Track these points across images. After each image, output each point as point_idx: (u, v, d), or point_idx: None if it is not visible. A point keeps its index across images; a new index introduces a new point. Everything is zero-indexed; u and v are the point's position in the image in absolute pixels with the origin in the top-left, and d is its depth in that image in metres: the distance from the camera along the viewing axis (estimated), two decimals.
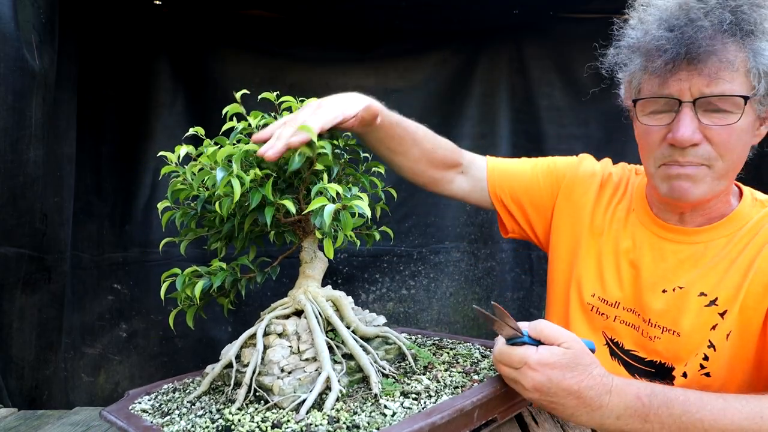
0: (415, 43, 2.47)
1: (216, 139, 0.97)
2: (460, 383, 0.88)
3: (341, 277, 2.47)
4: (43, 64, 1.62)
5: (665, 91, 0.96)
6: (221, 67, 2.37)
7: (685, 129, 0.93)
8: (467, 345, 1.12)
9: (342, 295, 1.02)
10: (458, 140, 1.30)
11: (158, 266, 2.29)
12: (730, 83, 0.91)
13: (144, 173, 2.31)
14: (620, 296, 1.15)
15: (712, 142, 0.95)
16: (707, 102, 0.93)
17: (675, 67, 0.93)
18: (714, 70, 0.90)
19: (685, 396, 0.78)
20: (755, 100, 0.94)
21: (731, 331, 1.00)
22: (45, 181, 1.69)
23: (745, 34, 0.91)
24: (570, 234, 1.26)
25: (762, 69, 0.92)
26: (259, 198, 0.88)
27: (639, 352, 1.12)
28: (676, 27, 0.92)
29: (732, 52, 0.91)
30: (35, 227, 1.66)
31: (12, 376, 1.62)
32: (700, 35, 0.89)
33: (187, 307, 1.03)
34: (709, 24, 0.90)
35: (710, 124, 0.94)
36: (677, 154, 0.97)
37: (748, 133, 0.98)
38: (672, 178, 1.00)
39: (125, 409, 0.91)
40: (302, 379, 0.86)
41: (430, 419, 0.73)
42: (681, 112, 0.94)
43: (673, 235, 1.11)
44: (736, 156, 0.98)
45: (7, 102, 1.47)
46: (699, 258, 1.07)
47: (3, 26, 1.44)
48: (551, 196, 1.30)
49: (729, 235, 1.06)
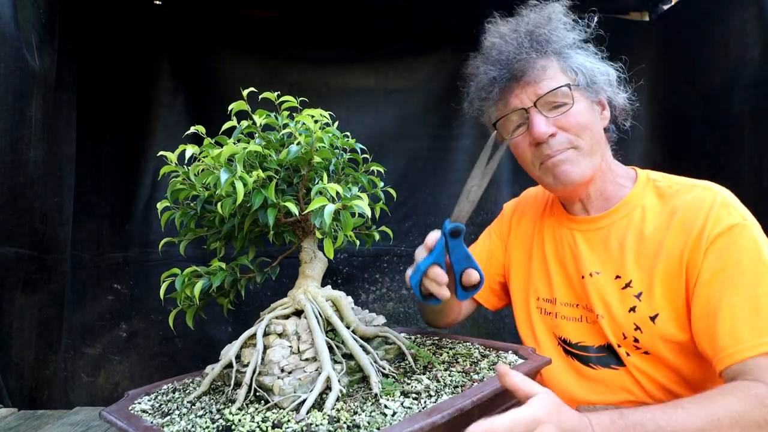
0: (415, 43, 2.47)
1: (217, 138, 0.97)
2: (459, 383, 0.88)
3: (341, 277, 2.47)
4: (43, 64, 1.62)
5: (510, 106, 1.16)
6: (221, 67, 2.37)
7: (539, 125, 1.11)
8: (467, 344, 1.13)
9: (342, 295, 1.02)
10: (458, 140, 1.31)
11: (158, 266, 2.28)
12: (553, 81, 1.12)
13: (144, 173, 2.31)
14: (557, 293, 1.26)
15: (565, 128, 1.12)
16: (546, 102, 1.12)
17: (508, 87, 1.15)
18: (537, 77, 1.12)
19: (651, 414, 0.84)
20: (581, 88, 1.14)
21: (659, 314, 1.07)
22: (45, 181, 1.69)
23: (544, 46, 1.14)
24: (520, 255, 1.39)
25: (573, 66, 1.14)
26: (261, 199, 0.88)
27: (585, 341, 1.20)
28: (495, 60, 1.16)
29: (541, 61, 1.13)
30: (35, 227, 1.66)
31: (12, 376, 1.62)
32: (513, 58, 1.13)
33: (186, 307, 1.02)
34: (513, 48, 1.14)
35: (556, 116, 1.12)
36: (545, 148, 1.13)
37: (591, 114, 1.15)
38: (552, 168, 1.14)
39: (125, 410, 0.91)
40: (302, 379, 0.86)
41: (431, 419, 0.73)
42: (531, 116, 1.13)
43: (581, 224, 1.24)
44: (591, 133, 1.14)
45: (7, 102, 1.47)
46: (605, 242, 1.18)
47: (3, 26, 1.45)
48: (502, 245, 1.46)
49: (627, 216, 1.17)
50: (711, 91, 2.13)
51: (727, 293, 0.97)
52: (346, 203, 0.85)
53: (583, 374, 1.20)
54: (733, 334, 0.95)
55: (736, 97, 1.98)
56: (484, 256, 1.44)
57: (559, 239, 1.28)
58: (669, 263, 1.06)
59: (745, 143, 1.94)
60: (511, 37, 1.15)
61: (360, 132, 1.11)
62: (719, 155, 2.09)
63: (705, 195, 1.07)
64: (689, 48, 2.24)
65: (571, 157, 1.13)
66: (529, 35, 1.14)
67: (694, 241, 1.03)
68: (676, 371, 1.10)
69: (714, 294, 0.99)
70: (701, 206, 1.05)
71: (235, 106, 1.01)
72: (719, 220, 1.02)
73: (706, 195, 1.07)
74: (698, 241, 1.03)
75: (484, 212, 2.49)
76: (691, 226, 1.05)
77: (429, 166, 2.50)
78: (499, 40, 1.17)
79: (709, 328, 0.99)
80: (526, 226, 1.40)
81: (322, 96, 2.42)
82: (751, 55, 1.92)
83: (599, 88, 1.16)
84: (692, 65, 2.23)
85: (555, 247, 1.29)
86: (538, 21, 1.16)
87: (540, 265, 1.31)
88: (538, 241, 1.34)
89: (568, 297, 1.24)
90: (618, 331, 1.12)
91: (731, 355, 0.94)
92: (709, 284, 1.00)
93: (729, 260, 0.99)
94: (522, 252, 1.38)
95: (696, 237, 1.03)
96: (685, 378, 1.10)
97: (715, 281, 1.00)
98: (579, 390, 1.19)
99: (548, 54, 1.14)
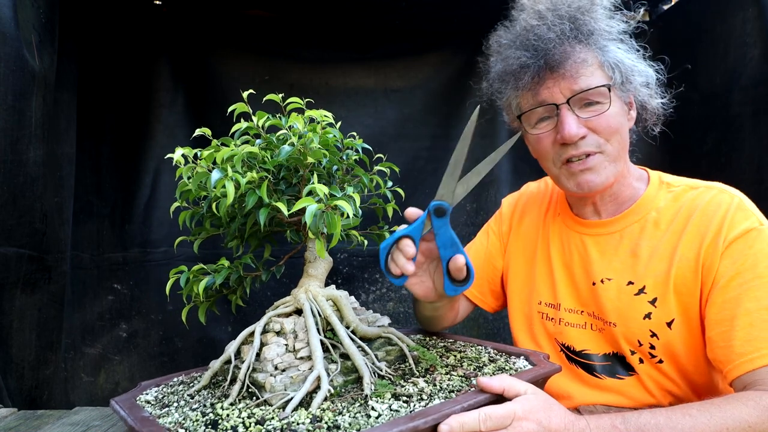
0: (415, 43, 2.47)
1: (222, 139, 0.98)
2: (456, 387, 0.86)
3: (341, 277, 2.47)
4: (43, 64, 1.62)
5: (539, 98, 1.07)
6: (221, 67, 2.37)
7: (569, 126, 1.03)
8: (478, 348, 1.09)
9: (344, 295, 1.01)
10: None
11: (158, 266, 2.28)
12: (591, 77, 1.03)
13: (144, 173, 2.31)
14: (561, 298, 1.20)
15: (596, 131, 1.05)
16: (579, 99, 1.04)
17: (541, 78, 1.05)
18: (574, 70, 1.02)
19: (655, 420, 0.81)
20: (617, 87, 1.06)
21: (674, 320, 1.04)
22: (45, 181, 1.69)
23: (587, 36, 1.04)
24: (521, 257, 1.33)
25: (612, 62, 1.05)
26: (255, 199, 0.88)
27: (590, 350, 1.16)
28: (530, 45, 1.04)
29: (583, 53, 1.03)
30: (35, 227, 1.66)
31: (12, 376, 1.62)
32: (551, 46, 1.02)
33: (199, 303, 1.04)
34: (555, 35, 1.02)
35: (589, 117, 1.05)
36: (571, 149, 1.06)
37: (622, 116, 1.08)
38: (576, 175, 1.08)
39: (132, 399, 0.94)
40: (294, 378, 0.86)
41: (413, 423, 0.71)
42: (561, 114, 1.05)
43: (591, 229, 1.18)
44: (620, 137, 1.08)
45: (7, 102, 1.47)
46: (617, 246, 1.13)
47: (3, 26, 1.45)
48: (501, 245, 1.40)
49: (641, 220, 1.12)
50: (711, 90, 2.13)
51: (744, 299, 0.94)
52: (330, 203, 0.85)
53: (586, 382, 1.16)
54: (750, 341, 0.92)
55: (736, 97, 1.98)
56: (482, 255, 1.39)
57: (566, 243, 1.22)
58: (684, 267, 1.03)
59: (745, 143, 1.94)
60: (553, 22, 1.03)
61: (360, 132, 1.11)
62: (719, 155, 2.09)
63: (721, 198, 1.04)
64: (689, 48, 2.23)
65: (597, 163, 1.06)
66: (573, 21, 1.03)
67: (710, 244, 1.00)
68: (690, 381, 1.07)
69: (730, 300, 0.96)
70: (717, 209, 1.03)
71: (235, 107, 1.01)
72: (736, 224, 1.00)
73: (722, 198, 1.04)
74: (715, 244, 1.00)
75: (483, 212, 2.50)
76: (707, 229, 1.02)
77: (429, 166, 2.50)
78: (538, 23, 1.04)
79: (724, 334, 0.96)
80: (528, 226, 1.34)
81: (322, 96, 2.42)
82: (751, 55, 1.92)
83: (633, 88, 1.09)
84: (692, 65, 2.23)
85: (562, 251, 1.23)
86: (581, 5, 1.05)
87: (544, 269, 1.26)
88: (543, 244, 1.28)
89: (574, 303, 1.19)
90: (633, 339, 1.08)
91: (748, 362, 0.91)
92: (725, 289, 0.97)
93: (745, 265, 0.96)
94: (524, 254, 1.32)
95: (712, 240, 1.00)
96: (696, 388, 1.07)
97: (731, 286, 0.97)
98: (583, 398, 1.16)
99: (590, 45, 1.04)
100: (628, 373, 1.11)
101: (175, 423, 0.81)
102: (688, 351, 1.04)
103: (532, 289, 1.28)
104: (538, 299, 1.26)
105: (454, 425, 0.72)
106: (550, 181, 1.37)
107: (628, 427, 0.79)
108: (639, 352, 1.08)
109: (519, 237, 1.35)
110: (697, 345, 1.03)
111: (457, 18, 2.30)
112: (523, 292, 1.31)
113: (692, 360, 1.05)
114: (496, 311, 1.44)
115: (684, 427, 0.79)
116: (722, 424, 0.80)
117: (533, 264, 1.29)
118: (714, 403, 0.84)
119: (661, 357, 1.06)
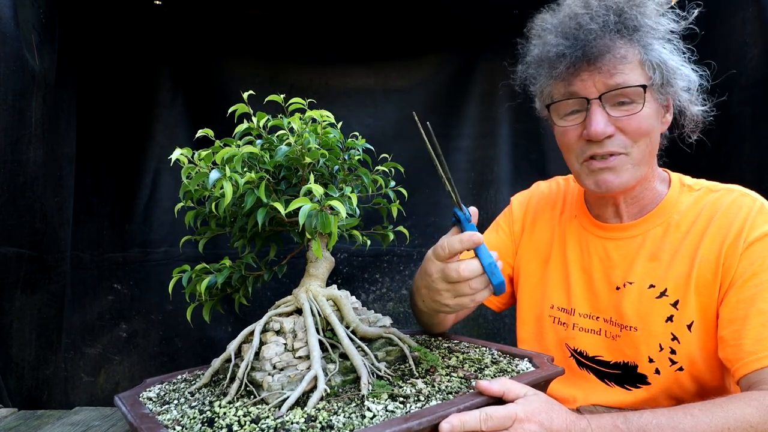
0: (415, 43, 2.47)
1: (224, 140, 0.98)
2: (455, 389, 0.86)
3: (341, 277, 2.47)
4: (43, 64, 1.62)
5: (571, 89, 1.03)
6: (221, 67, 2.37)
7: (597, 123, 1.00)
8: (482, 350, 1.09)
9: (344, 294, 1.01)
10: (458, 140, 1.31)
11: (158, 266, 2.28)
12: (628, 75, 1.00)
13: (144, 173, 2.31)
14: (576, 303, 1.18)
15: (625, 131, 1.02)
16: (612, 96, 1.01)
17: (577, 69, 1.01)
18: (611, 66, 0.98)
19: (657, 419, 0.80)
20: (654, 89, 1.02)
21: (693, 321, 1.03)
22: (45, 181, 1.69)
23: (632, 31, 0.99)
24: (534, 260, 1.30)
25: (654, 61, 1.01)
26: (254, 199, 0.89)
27: (604, 356, 1.14)
28: (570, 34, 1.01)
29: (624, 48, 0.99)
30: (35, 227, 1.66)
31: (12, 376, 1.62)
32: (591, 37, 0.98)
33: (204, 301, 1.04)
34: (597, 26, 0.98)
35: (619, 116, 1.01)
36: (595, 147, 1.03)
37: (655, 119, 1.05)
38: (596, 173, 1.06)
39: (135, 396, 0.94)
40: (292, 377, 0.86)
41: (407, 424, 0.71)
42: (591, 109, 1.01)
43: (613, 232, 1.16)
44: (649, 141, 1.04)
45: (7, 102, 1.47)
46: (639, 250, 1.11)
47: (3, 26, 1.44)
48: (513, 245, 1.37)
49: (663, 224, 1.11)
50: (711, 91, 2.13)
51: (759, 299, 0.95)
52: (325, 204, 0.85)
53: (594, 388, 1.15)
54: (760, 341, 0.92)
55: (736, 97, 1.98)
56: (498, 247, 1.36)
57: (585, 247, 1.20)
58: (704, 268, 1.03)
59: (745, 143, 1.93)
60: (598, 12, 0.99)
61: (360, 132, 1.11)
62: (719, 155, 2.09)
63: (743, 201, 1.04)
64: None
65: (619, 164, 1.04)
66: (619, 14, 0.99)
67: (730, 245, 1.00)
68: (703, 390, 1.06)
69: (744, 299, 0.96)
70: (739, 211, 1.03)
71: (236, 108, 1.01)
72: (757, 226, 1.00)
73: (744, 201, 1.04)
74: (735, 244, 1.00)
75: (483, 212, 2.49)
76: (729, 230, 1.02)
77: (429, 166, 2.49)
78: (583, 12, 1.00)
79: (735, 332, 0.96)
80: (542, 229, 1.31)
81: (322, 96, 2.42)
82: (751, 55, 1.92)
83: (673, 91, 1.05)
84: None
85: (581, 255, 1.20)
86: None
87: (558, 273, 1.23)
88: (559, 248, 1.25)
89: (589, 308, 1.17)
90: (654, 343, 1.07)
91: (756, 360, 0.91)
92: (741, 289, 0.97)
93: (763, 266, 0.97)
94: (537, 257, 1.30)
95: (733, 240, 1.00)
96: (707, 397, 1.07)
97: (747, 286, 0.97)
98: (586, 402, 1.15)
99: (633, 41, 1.00)
100: (636, 384, 1.10)
101: (173, 420, 0.81)
102: (705, 355, 1.04)
103: (544, 293, 1.26)
104: (550, 303, 1.24)
105: (455, 423, 0.72)
106: (561, 181, 1.36)
107: (629, 427, 0.79)
108: (657, 360, 1.07)
109: (532, 239, 1.32)
110: (712, 348, 1.03)
111: (457, 18, 2.30)
112: (534, 295, 1.29)
113: (708, 365, 1.04)
114: (501, 311, 1.43)
115: (686, 427, 0.79)
116: (724, 424, 0.80)
117: (546, 267, 1.27)
118: (716, 402, 0.84)
119: (681, 364, 1.05)
